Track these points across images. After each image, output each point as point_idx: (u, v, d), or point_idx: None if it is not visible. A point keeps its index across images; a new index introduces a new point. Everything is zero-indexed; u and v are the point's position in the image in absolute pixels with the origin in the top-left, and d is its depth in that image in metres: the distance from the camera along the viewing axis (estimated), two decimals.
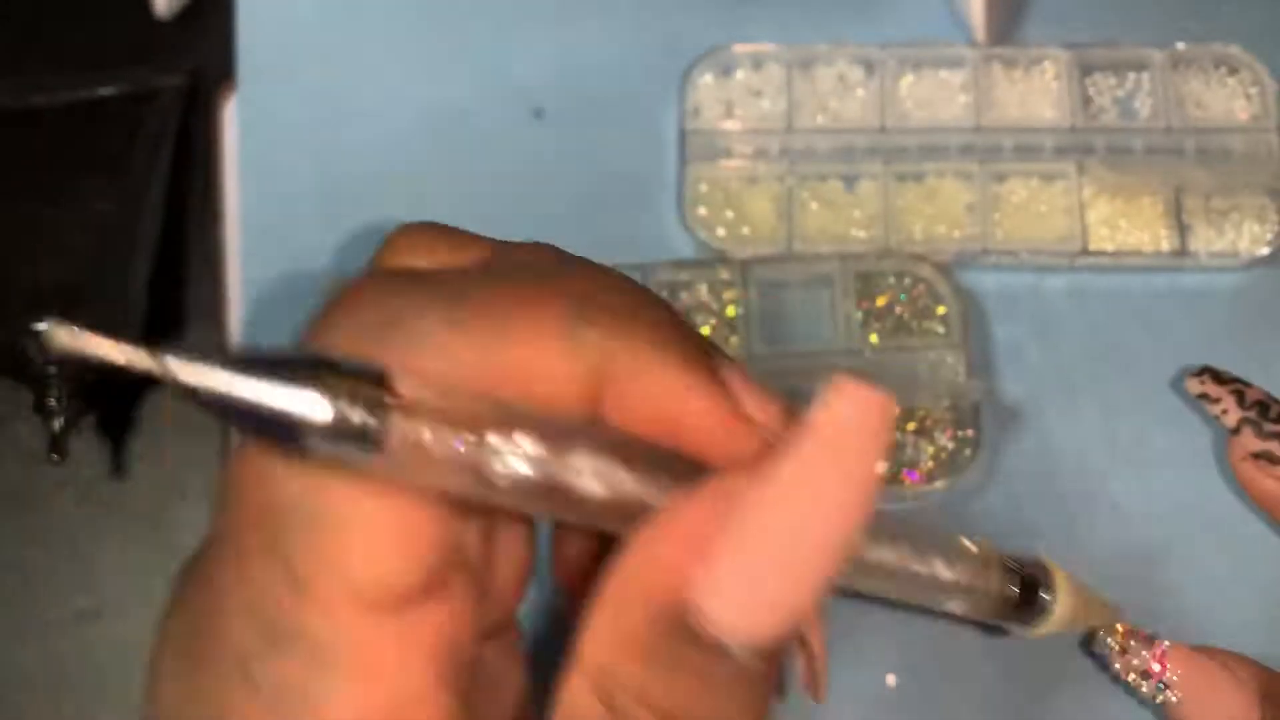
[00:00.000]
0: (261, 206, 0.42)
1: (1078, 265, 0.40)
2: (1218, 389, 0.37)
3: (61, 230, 0.40)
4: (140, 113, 0.42)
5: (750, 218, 0.41)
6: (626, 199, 0.42)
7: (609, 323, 0.22)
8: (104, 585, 0.40)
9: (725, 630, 0.21)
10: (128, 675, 0.39)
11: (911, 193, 0.41)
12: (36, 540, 0.40)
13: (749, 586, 0.21)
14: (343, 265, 0.41)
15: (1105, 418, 0.39)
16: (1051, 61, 0.42)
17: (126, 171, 0.41)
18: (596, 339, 0.22)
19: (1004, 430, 0.39)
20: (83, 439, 0.41)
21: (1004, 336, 0.40)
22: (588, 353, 0.22)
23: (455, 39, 0.43)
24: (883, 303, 0.39)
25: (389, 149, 0.42)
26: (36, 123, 0.42)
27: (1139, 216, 0.40)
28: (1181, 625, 0.36)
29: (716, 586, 0.21)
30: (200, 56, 0.44)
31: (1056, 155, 0.41)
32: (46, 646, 0.40)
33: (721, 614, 0.20)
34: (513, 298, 0.22)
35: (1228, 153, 0.41)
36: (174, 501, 0.41)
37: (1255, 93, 0.42)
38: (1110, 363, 0.40)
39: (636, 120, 0.42)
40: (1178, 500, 0.38)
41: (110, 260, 0.40)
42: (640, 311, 0.23)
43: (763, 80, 0.42)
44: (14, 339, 0.38)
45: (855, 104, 0.42)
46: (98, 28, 0.45)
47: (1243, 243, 0.40)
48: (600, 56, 0.43)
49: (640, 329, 0.23)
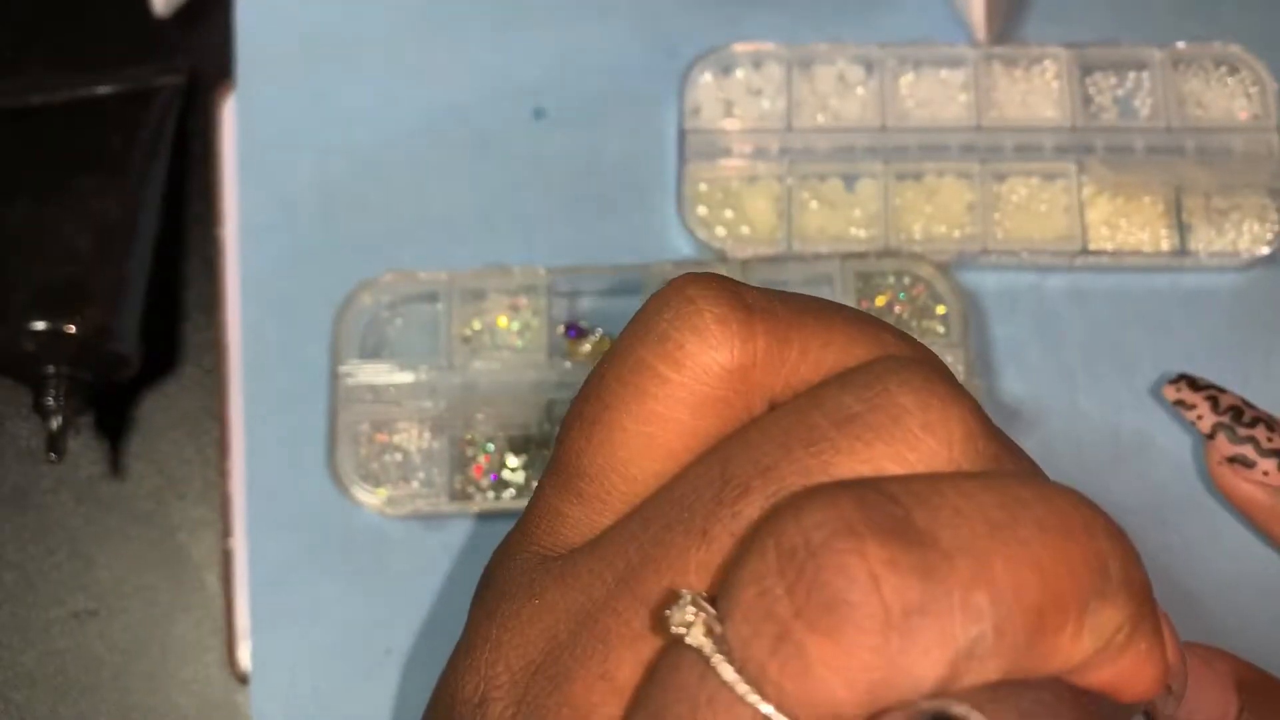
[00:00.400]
0: (260, 206, 0.42)
1: (1078, 265, 0.40)
2: (1192, 395, 0.37)
3: (59, 229, 0.40)
4: (139, 112, 0.42)
5: (750, 217, 0.41)
6: (626, 199, 0.42)
7: (1117, 599, 0.20)
8: (102, 584, 0.40)
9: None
10: (124, 674, 0.39)
11: (911, 192, 0.41)
12: (35, 539, 0.40)
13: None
14: (343, 265, 0.41)
15: (1105, 417, 0.39)
16: (1052, 61, 0.42)
17: (125, 170, 0.41)
18: (1108, 622, 0.20)
19: (1004, 430, 0.39)
20: (81, 439, 0.41)
21: (1004, 336, 0.40)
22: (1098, 637, 0.20)
23: (455, 39, 0.43)
24: (882, 302, 0.39)
25: (389, 149, 0.42)
26: (35, 122, 0.42)
27: (1139, 216, 0.40)
28: (1180, 624, 0.36)
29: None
30: (199, 55, 0.44)
31: (1056, 155, 0.41)
32: (45, 645, 0.40)
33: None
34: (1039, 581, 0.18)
35: (1228, 152, 0.41)
36: (172, 501, 0.41)
37: (1255, 92, 0.42)
38: (1110, 362, 0.40)
39: (636, 120, 0.42)
40: (1178, 500, 0.38)
41: (108, 259, 0.40)
42: (1133, 574, 0.20)
43: (762, 79, 0.42)
44: (12, 338, 0.38)
45: (855, 103, 0.42)
46: (96, 27, 0.45)
47: (1243, 242, 0.40)
48: (600, 56, 0.43)
49: (1135, 600, 0.20)
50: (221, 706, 0.39)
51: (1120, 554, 0.20)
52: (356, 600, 0.38)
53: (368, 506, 0.38)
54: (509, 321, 0.40)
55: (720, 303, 0.22)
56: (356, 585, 0.38)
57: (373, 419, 0.39)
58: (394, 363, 0.39)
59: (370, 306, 0.40)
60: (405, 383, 0.39)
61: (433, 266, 0.40)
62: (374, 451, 0.39)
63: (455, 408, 0.39)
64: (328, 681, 0.38)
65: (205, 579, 0.40)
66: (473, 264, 0.40)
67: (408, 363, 0.39)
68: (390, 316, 0.40)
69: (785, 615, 0.18)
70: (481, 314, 0.40)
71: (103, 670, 0.40)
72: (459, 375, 0.39)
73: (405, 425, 0.39)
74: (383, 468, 0.39)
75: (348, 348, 0.39)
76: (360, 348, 0.40)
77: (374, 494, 0.38)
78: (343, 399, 0.39)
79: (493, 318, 0.40)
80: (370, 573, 0.38)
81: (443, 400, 0.39)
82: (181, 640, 0.40)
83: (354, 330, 0.40)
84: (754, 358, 0.22)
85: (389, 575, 0.39)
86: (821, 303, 0.24)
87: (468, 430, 0.39)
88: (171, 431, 0.41)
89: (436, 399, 0.39)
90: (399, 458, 0.39)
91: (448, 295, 0.40)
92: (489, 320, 0.40)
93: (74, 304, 0.39)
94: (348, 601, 0.38)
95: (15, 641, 0.40)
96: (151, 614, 0.40)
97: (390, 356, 0.40)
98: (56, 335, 0.38)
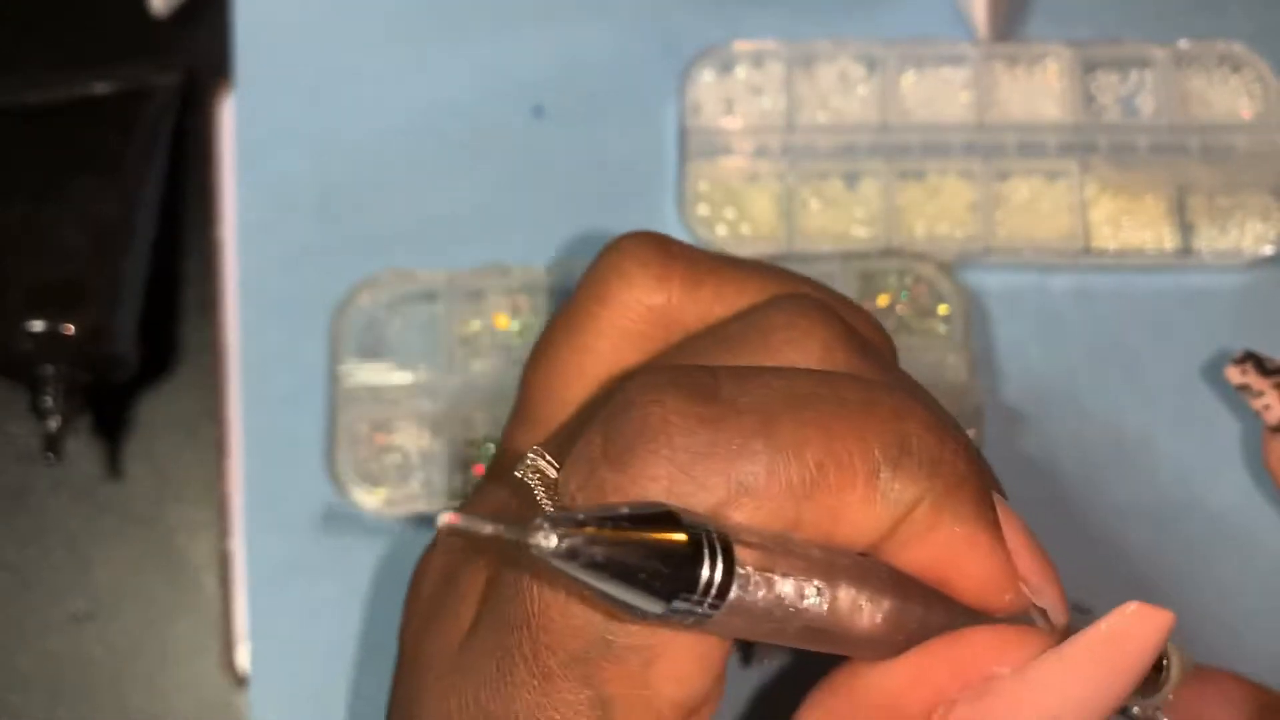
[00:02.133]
0: (258, 205, 0.42)
1: (1080, 264, 0.40)
2: (1261, 381, 0.35)
3: (57, 229, 0.40)
4: (137, 111, 0.42)
5: (751, 216, 0.41)
6: (626, 197, 0.41)
7: (915, 470, 0.22)
8: (99, 586, 0.40)
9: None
10: (122, 676, 0.39)
11: (913, 191, 0.41)
12: (32, 541, 0.40)
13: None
14: (342, 265, 0.40)
15: (1108, 418, 0.39)
16: (1054, 59, 0.42)
17: (123, 170, 0.41)
18: (901, 492, 0.22)
19: (1006, 430, 0.39)
20: (79, 440, 0.41)
21: (1006, 336, 0.40)
22: (891, 505, 0.22)
23: (455, 38, 0.43)
24: (884, 302, 0.39)
25: (388, 148, 0.42)
26: (32, 121, 0.42)
27: (1142, 215, 0.40)
28: (1180, 625, 0.36)
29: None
30: (197, 54, 0.44)
31: (1059, 153, 0.41)
32: (42, 647, 0.40)
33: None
34: (820, 439, 0.21)
35: (1231, 151, 0.41)
36: (170, 503, 0.41)
37: (1259, 90, 0.41)
38: (1113, 362, 0.39)
39: (636, 118, 0.42)
40: (1179, 501, 0.38)
41: (106, 259, 0.39)
42: (946, 454, 0.23)
43: (763, 77, 0.42)
44: (9, 338, 0.38)
45: (857, 101, 0.41)
46: (94, 25, 0.44)
47: (1246, 241, 0.40)
48: (600, 55, 0.43)
49: (944, 476, 0.22)
50: (220, 708, 0.39)
51: (932, 440, 0.22)
52: (356, 601, 0.38)
53: (367, 507, 0.38)
54: (509, 321, 0.39)
55: (643, 251, 0.26)
56: (356, 586, 0.38)
57: (372, 419, 0.39)
58: (393, 363, 0.39)
59: (369, 306, 0.40)
60: (404, 383, 0.39)
61: (432, 266, 0.40)
62: (373, 452, 0.39)
63: (455, 408, 0.39)
64: (328, 682, 0.38)
65: (203, 580, 0.40)
66: (472, 264, 0.40)
67: (407, 363, 0.39)
68: (389, 316, 0.40)
69: (595, 456, 0.21)
70: (481, 314, 0.40)
71: (100, 672, 0.39)
72: (458, 375, 0.39)
73: (404, 426, 0.39)
74: (382, 468, 0.39)
75: (346, 348, 0.39)
76: (359, 348, 0.39)
77: (373, 494, 0.38)
78: (341, 399, 0.39)
79: (492, 318, 0.40)
80: (370, 573, 0.38)
81: (442, 400, 0.39)
82: (180, 642, 0.40)
83: (352, 330, 0.39)
84: (669, 298, 0.25)
85: (389, 576, 0.38)
86: (752, 261, 0.27)
87: (467, 431, 0.38)
88: (169, 432, 0.41)
89: (436, 399, 0.39)
90: (398, 458, 0.39)
91: (447, 295, 0.39)
92: (488, 320, 0.40)
93: (71, 304, 0.39)
94: (347, 602, 0.38)
95: (12, 643, 0.40)
96: (149, 615, 0.40)
97: (389, 357, 0.40)
98: (54, 335, 0.38)
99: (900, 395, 0.23)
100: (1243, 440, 0.39)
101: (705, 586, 0.20)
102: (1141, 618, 0.22)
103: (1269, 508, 0.38)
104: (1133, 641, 0.22)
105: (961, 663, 0.22)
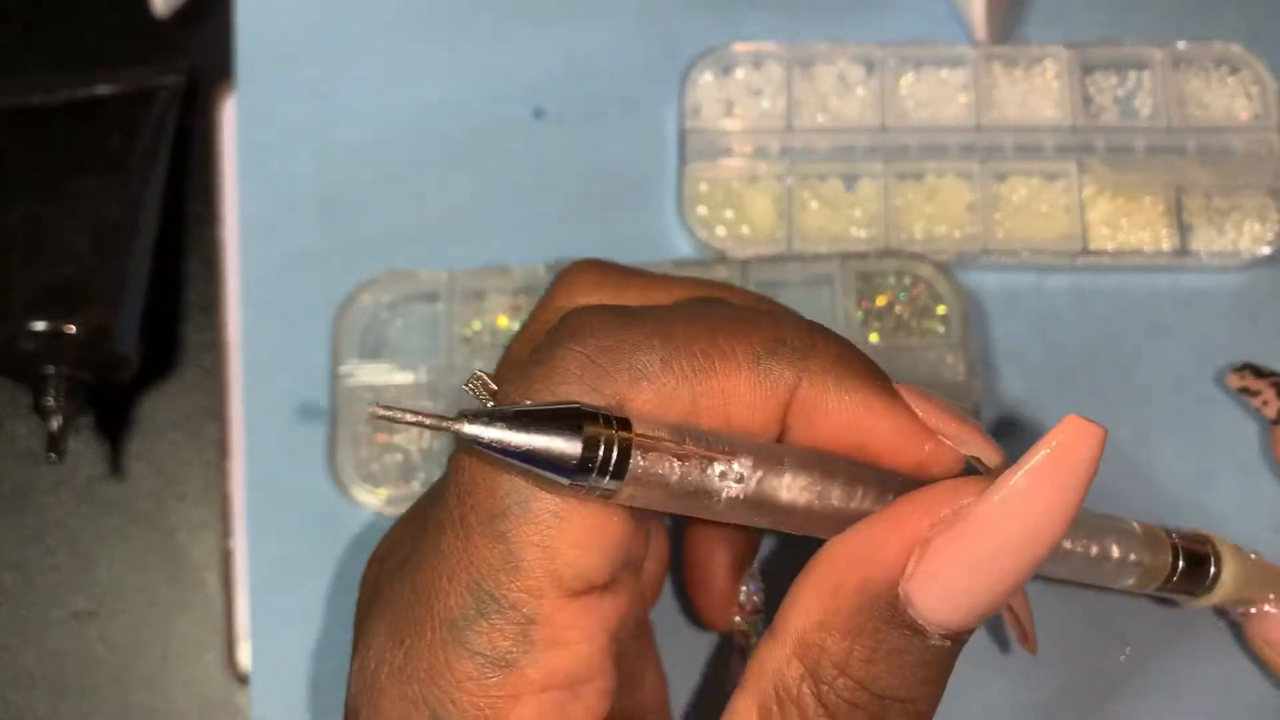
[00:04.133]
0: (260, 205, 0.42)
1: (1078, 265, 0.40)
2: (1257, 382, 0.38)
3: (59, 229, 0.40)
4: (139, 112, 0.42)
5: (750, 217, 0.41)
6: (626, 198, 0.42)
7: (790, 355, 0.26)
8: (102, 585, 0.40)
9: (930, 619, 0.25)
10: (124, 674, 0.39)
11: (912, 192, 0.41)
12: (35, 540, 0.40)
13: (960, 586, 0.24)
14: (344, 265, 0.41)
15: (1106, 417, 0.39)
16: (1052, 60, 0.42)
17: (125, 170, 0.41)
18: (781, 373, 0.26)
19: (1004, 430, 0.39)
20: (81, 439, 0.41)
21: (1004, 336, 0.40)
22: (775, 381, 0.26)
23: (455, 39, 0.43)
24: (883, 302, 0.39)
25: (389, 149, 0.42)
26: (35, 122, 0.42)
27: (1140, 216, 0.40)
28: (1180, 625, 0.36)
29: (930, 583, 0.24)
30: (199, 55, 0.44)
31: (1057, 154, 0.41)
32: (45, 645, 0.40)
33: (930, 606, 0.24)
34: (707, 336, 0.26)
35: (1229, 152, 0.41)
36: (171, 502, 0.41)
37: (1256, 92, 0.42)
38: (1111, 362, 0.39)
39: (636, 120, 0.42)
40: (1179, 500, 0.38)
41: (108, 259, 0.40)
42: (818, 343, 0.26)
43: (763, 79, 0.42)
44: (12, 338, 0.38)
45: (855, 103, 0.42)
46: (96, 27, 0.45)
47: (1243, 242, 0.40)
48: (601, 56, 0.43)
49: (818, 358, 0.26)
50: (221, 706, 0.39)
51: (803, 333, 0.26)
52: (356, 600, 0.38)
53: (368, 506, 0.38)
54: (509, 322, 0.40)
55: (584, 268, 0.31)
56: (356, 585, 0.38)
57: (373, 419, 0.39)
58: (394, 363, 0.39)
59: (370, 307, 0.40)
60: (405, 383, 0.39)
61: (433, 266, 0.40)
62: (374, 452, 0.39)
63: (455, 408, 0.39)
64: (328, 681, 0.38)
65: (205, 579, 0.40)
66: (473, 264, 0.40)
67: (408, 363, 0.39)
68: (390, 317, 0.40)
69: (526, 361, 0.26)
70: (482, 314, 0.40)
71: (102, 671, 0.39)
72: (459, 376, 0.39)
73: (405, 426, 0.39)
74: (383, 468, 0.39)
75: (348, 348, 0.39)
76: (360, 348, 0.40)
77: (374, 494, 0.38)
78: (343, 399, 0.39)
79: (493, 318, 0.40)
80: None
81: (443, 401, 0.39)
82: (181, 640, 0.40)
83: (354, 330, 0.40)
84: (603, 300, 0.30)
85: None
86: (691, 278, 0.32)
87: None
88: (171, 432, 0.41)
89: (437, 399, 0.39)
90: (399, 458, 0.39)
91: (448, 295, 0.40)
92: (489, 320, 0.40)
93: (74, 304, 0.39)
94: (348, 601, 0.38)
95: (15, 642, 0.40)
96: (151, 614, 0.40)
97: (390, 357, 0.40)
98: (56, 336, 0.38)
99: (777, 312, 0.29)
100: (1240, 440, 0.39)
101: (602, 464, 0.24)
102: (1078, 431, 0.25)
103: (1266, 506, 0.38)
104: (1073, 453, 0.25)
105: (930, 502, 0.25)
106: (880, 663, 0.25)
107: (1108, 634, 0.37)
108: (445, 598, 0.25)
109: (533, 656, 0.25)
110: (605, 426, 0.24)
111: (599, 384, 0.25)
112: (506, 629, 0.25)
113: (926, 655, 0.25)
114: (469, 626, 0.25)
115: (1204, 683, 0.37)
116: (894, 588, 0.25)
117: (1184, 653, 0.37)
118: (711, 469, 0.25)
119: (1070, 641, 0.36)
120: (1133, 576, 0.32)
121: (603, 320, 0.26)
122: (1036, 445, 0.24)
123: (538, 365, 0.25)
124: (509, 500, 0.25)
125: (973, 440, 0.27)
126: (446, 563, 0.25)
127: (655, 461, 0.24)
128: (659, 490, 0.24)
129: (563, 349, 0.25)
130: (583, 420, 0.24)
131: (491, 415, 0.24)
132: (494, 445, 0.23)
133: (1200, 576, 0.33)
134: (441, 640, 0.25)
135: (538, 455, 0.23)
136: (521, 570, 0.25)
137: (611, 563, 0.25)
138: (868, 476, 0.26)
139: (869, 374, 0.27)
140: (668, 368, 0.25)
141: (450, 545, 0.25)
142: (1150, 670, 0.37)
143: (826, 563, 0.25)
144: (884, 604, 0.25)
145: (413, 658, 0.25)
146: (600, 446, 0.24)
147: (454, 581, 0.25)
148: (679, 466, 0.24)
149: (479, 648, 0.25)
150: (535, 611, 0.25)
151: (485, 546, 0.25)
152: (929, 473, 0.27)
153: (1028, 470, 0.24)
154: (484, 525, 0.25)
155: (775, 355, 0.26)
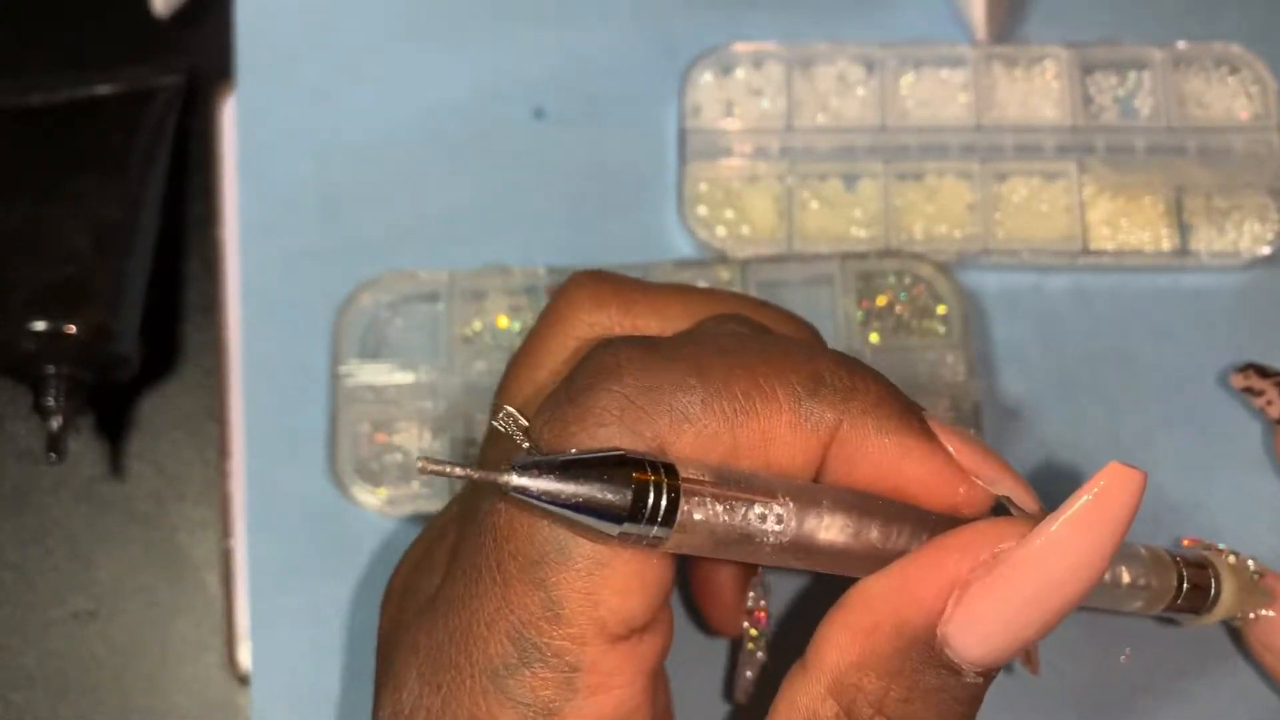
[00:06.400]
0: (260, 206, 0.42)
1: (1079, 265, 0.40)
2: (1261, 382, 0.37)
3: (59, 229, 0.40)
4: (139, 112, 0.42)
5: (750, 217, 0.41)
6: (626, 199, 0.42)
7: (832, 397, 0.26)
8: (102, 585, 0.40)
9: (967, 659, 0.25)
10: (125, 674, 0.39)
11: (912, 192, 0.41)
12: (34, 540, 0.40)
13: (999, 628, 0.25)
14: (344, 265, 0.41)
15: (1106, 418, 0.39)
16: (1052, 60, 0.42)
17: (125, 170, 0.41)
18: (821, 415, 0.26)
19: (1004, 430, 0.39)
20: (81, 439, 0.41)
21: (1005, 336, 0.40)
22: (816, 424, 0.26)
23: (455, 39, 0.43)
24: (883, 302, 0.39)
25: (389, 149, 0.42)
26: (35, 122, 0.42)
27: (1140, 216, 0.40)
28: (1182, 626, 0.36)
29: (969, 625, 0.25)
30: (199, 55, 0.44)
31: (1057, 154, 0.41)
32: (45, 645, 0.40)
33: (968, 647, 0.25)
34: (747, 375, 0.25)
35: (1229, 152, 0.41)
36: (172, 502, 0.41)
37: (1256, 92, 0.42)
38: (1111, 363, 0.39)
39: (636, 120, 0.42)
40: (1180, 500, 0.38)
41: (108, 259, 0.40)
42: (858, 384, 0.26)
43: (763, 79, 0.42)
44: (12, 338, 0.38)
45: (855, 103, 0.42)
46: (96, 27, 0.45)
47: (1244, 242, 0.40)
48: (601, 56, 0.43)
49: (859, 400, 0.26)
50: (222, 707, 0.39)
51: (843, 372, 0.26)
52: (356, 600, 0.38)
53: (368, 506, 0.38)
54: (509, 322, 0.40)
55: (587, 282, 0.30)
56: (356, 585, 0.38)
57: (373, 419, 0.39)
58: (394, 363, 0.39)
59: (370, 307, 0.40)
60: (405, 383, 0.39)
61: (433, 266, 0.40)
62: (374, 452, 0.39)
63: (456, 408, 0.39)
64: (328, 681, 0.38)
65: (205, 579, 0.40)
66: (473, 264, 0.40)
67: (408, 363, 0.39)
68: (390, 317, 0.40)
69: (560, 398, 0.25)
70: (482, 314, 0.40)
71: (102, 671, 0.39)
72: (459, 376, 0.39)
73: (405, 425, 0.39)
74: (383, 468, 0.39)
75: (348, 348, 0.39)
76: (360, 348, 0.40)
77: (374, 494, 0.38)
78: (343, 399, 0.39)
79: (493, 318, 0.40)
80: (370, 573, 0.38)
81: (443, 401, 0.39)
82: (181, 641, 0.40)
83: (354, 330, 0.40)
84: (610, 318, 0.29)
85: (389, 576, 0.38)
86: (697, 289, 0.31)
87: (468, 431, 0.39)
88: (171, 432, 0.41)
89: (437, 399, 0.39)
90: (399, 458, 0.39)
91: (448, 295, 0.40)
92: (489, 320, 0.40)
93: (74, 304, 0.39)
94: (348, 601, 0.38)
95: (15, 642, 0.40)
96: (151, 614, 0.40)
97: (390, 357, 0.40)
98: (56, 335, 0.38)
99: (811, 344, 0.28)
100: (1241, 440, 0.39)
101: (651, 512, 0.23)
102: (1118, 477, 0.24)
103: (1268, 507, 0.38)
104: (1114, 499, 0.24)
105: (968, 546, 0.25)
106: (916, 701, 0.25)
107: (1108, 636, 0.37)
108: (484, 645, 0.25)
109: (576, 704, 0.25)
110: (652, 474, 0.23)
111: (639, 427, 0.24)
112: (550, 677, 0.25)
113: (961, 692, 0.25)
114: (511, 675, 0.25)
115: (1203, 686, 0.37)
116: (932, 629, 0.25)
117: (1183, 656, 0.37)
118: (753, 512, 0.24)
119: (1070, 643, 0.36)
120: (1141, 600, 0.32)
121: (637, 357, 0.25)
122: (1079, 491, 0.25)
123: (572, 405, 0.25)
124: (548, 547, 0.24)
125: (1005, 481, 0.27)
126: (484, 609, 0.25)
127: (701, 507, 0.24)
128: (705, 536, 0.24)
129: (600, 389, 0.25)
130: (630, 468, 0.23)
131: (539, 466, 0.23)
132: (542, 496, 0.23)
133: (1202, 596, 0.33)
134: (483, 689, 0.25)
135: (585, 505, 0.23)
136: (563, 618, 0.24)
137: (654, 605, 0.25)
138: (902, 515, 0.26)
139: (908, 415, 0.27)
140: (709, 409, 0.25)
141: (487, 591, 0.25)
142: (1150, 673, 0.37)
143: (861, 602, 0.25)
144: (921, 645, 0.25)
145: (451, 705, 0.25)
146: (649, 495, 0.23)
147: (493, 629, 0.25)
148: (724, 512, 0.24)
149: (522, 697, 0.25)
150: (579, 659, 0.25)
151: (525, 594, 0.25)
152: (960, 513, 0.27)
153: (1069, 518, 0.24)
154: (523, 572, 0.25)
155: (817, 397, 0.26)
